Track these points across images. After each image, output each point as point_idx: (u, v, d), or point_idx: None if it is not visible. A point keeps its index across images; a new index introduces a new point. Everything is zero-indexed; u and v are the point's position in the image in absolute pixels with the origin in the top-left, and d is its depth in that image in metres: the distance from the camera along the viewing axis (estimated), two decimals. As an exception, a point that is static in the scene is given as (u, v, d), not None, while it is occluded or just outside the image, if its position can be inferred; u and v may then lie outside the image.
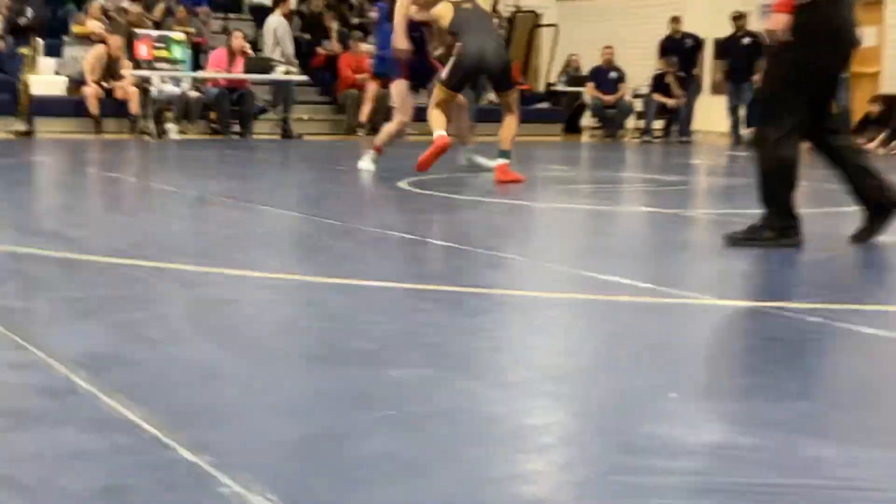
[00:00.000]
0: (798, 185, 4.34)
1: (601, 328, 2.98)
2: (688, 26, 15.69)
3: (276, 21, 14.14)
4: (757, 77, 14.53)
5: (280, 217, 5.46)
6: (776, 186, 4.31)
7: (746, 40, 14.72)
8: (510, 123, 7.50)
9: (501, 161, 7.39)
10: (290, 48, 14.24)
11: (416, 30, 7.92)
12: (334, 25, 15.93)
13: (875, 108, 14.44)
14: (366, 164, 8.19)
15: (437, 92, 7.51)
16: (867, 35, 15.46)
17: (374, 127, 14.29)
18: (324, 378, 2.28)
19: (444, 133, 7.35)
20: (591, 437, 1.94)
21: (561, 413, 2.07)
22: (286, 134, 13.62)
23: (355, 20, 16.48)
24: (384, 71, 12.64)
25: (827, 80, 4.46)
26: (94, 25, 13.63)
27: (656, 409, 2.08)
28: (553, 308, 3.29)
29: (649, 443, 1.87)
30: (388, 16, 16.11)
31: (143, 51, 13.02)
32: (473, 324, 2.97)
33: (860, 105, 14.81)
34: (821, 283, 3.78)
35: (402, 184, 7.13)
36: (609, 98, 15.49)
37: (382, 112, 13.17)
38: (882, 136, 13.65)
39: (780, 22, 4.24)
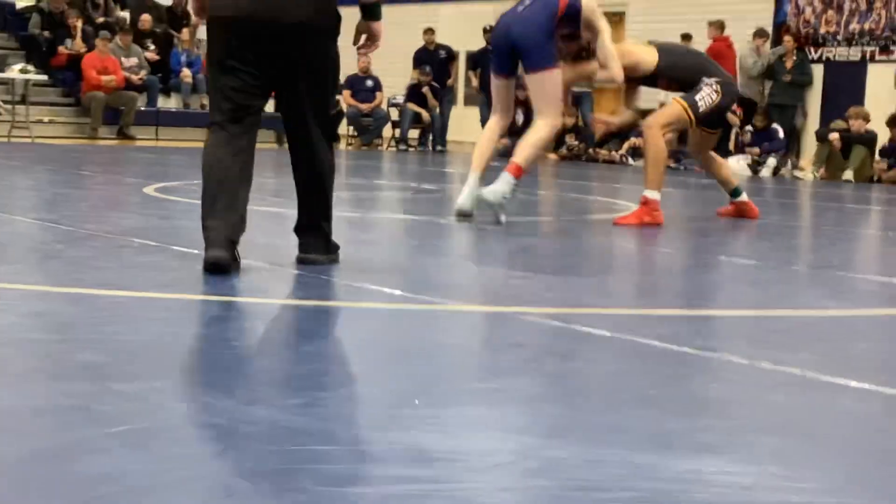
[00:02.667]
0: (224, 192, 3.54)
1: (351, 335, 2.94)
2: (441, 38, 15.98)
3: None
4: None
5: (12, 223, 5.09)
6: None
7: (497, 53, 15.16)
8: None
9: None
10: None
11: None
12: (78, 24, 15.20)
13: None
14: (501, 193, 5.80)
15: (678, 113, 6.18)
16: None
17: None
18: (47, 393, 2.10)
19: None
20: (336, 443, 1.87)
21: (304, 420, 1.99)
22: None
23: (101, 19, 15.77)
24: None
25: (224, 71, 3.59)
26: None
27: (402, 415, 2.04)
28: (300, 315, 3.21)
29: (391, 449, 1.82)
30: None
31: None
32: (212, 333, 2.85)
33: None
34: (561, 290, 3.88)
35: (149, 189, 6.84)
36: (365, 106, 15.51)
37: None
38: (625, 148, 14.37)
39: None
